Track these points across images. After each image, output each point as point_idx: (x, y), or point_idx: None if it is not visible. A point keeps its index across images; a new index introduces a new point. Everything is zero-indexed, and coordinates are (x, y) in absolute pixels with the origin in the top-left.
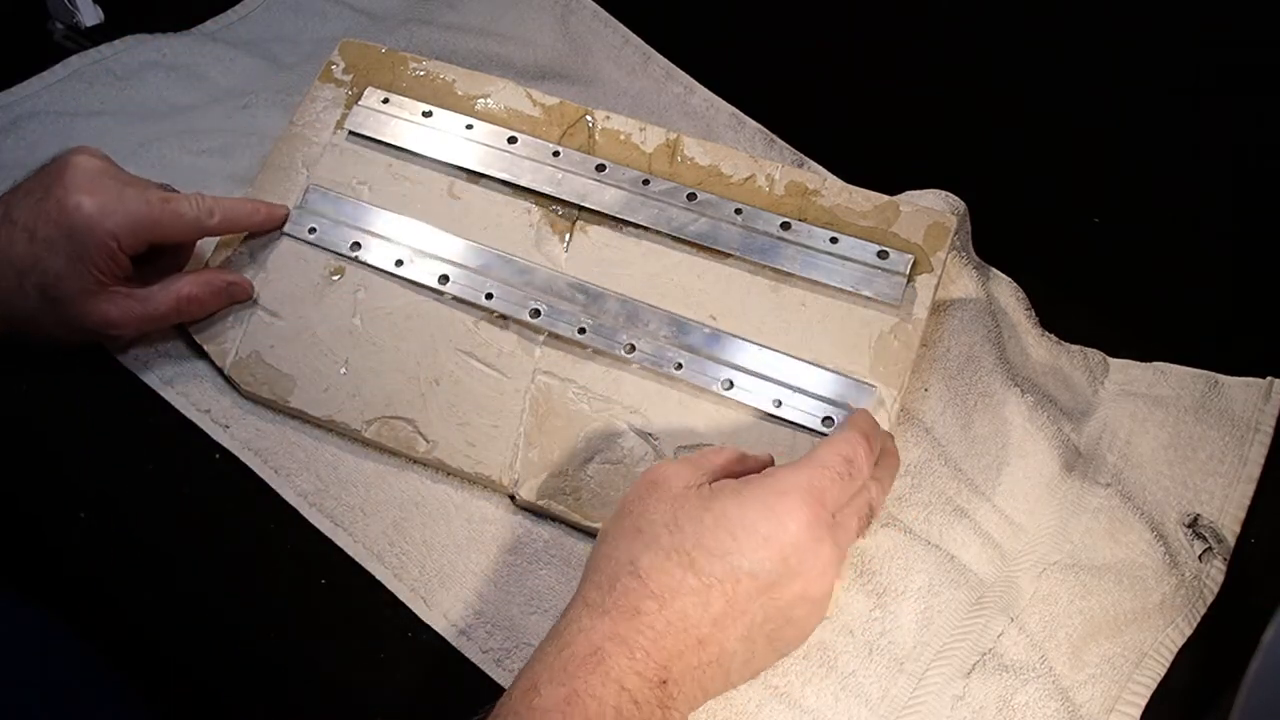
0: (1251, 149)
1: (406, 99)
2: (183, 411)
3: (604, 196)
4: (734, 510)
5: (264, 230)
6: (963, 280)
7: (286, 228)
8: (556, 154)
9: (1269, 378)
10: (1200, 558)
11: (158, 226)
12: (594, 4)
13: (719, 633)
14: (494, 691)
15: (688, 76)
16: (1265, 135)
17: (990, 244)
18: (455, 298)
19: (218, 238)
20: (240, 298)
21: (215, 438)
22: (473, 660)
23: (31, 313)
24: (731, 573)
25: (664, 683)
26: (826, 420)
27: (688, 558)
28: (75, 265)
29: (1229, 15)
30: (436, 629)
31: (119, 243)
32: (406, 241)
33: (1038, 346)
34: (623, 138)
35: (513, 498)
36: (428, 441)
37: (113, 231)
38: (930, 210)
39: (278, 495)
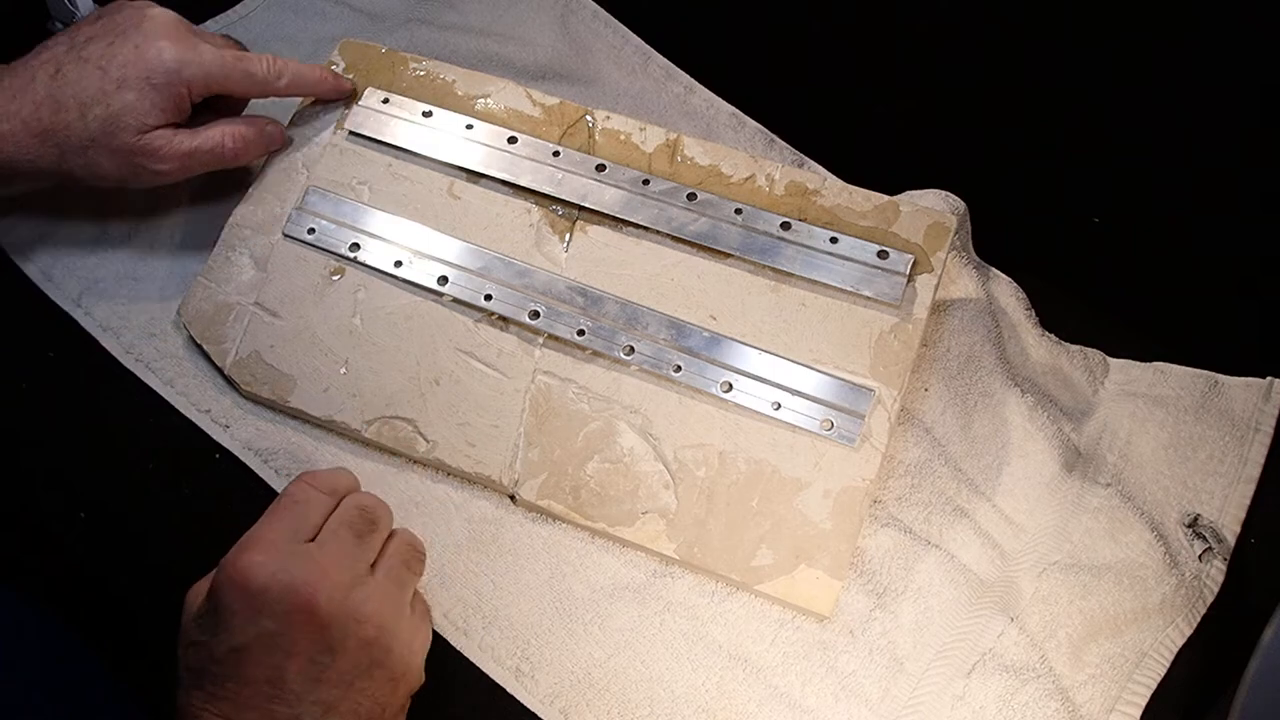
0: (1252, 148)
1: (406, 99)
2: (183, 411)
3: (604, 196)
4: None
5: (328, 99)
6: (963, 280)
7: (286, 228)
8: (556, 154)
9: (1269, 378)
10: (1200, 558)
11: (228, 80)
12: (594, 4)
13: None
14: (494, 691)
15: (688, 76)
16: (1265, 135)
17: (990, 244)
18: (454, 299)
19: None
20: (275, 145)
21: (215, 438)
22: (473, 660)
23: (85, 143)
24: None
25: None
26: (826, 424)
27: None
28: (143, 102)
29: (1229, 15)
30: (436, 629)
31: (190, 90)
32: (406, 242)
33: (1038, 346)
34: (623, 138)
35: (513, 498)
36: (428, 441)
37: (187, 80)
38: (930, 210)
39: (277, 495)
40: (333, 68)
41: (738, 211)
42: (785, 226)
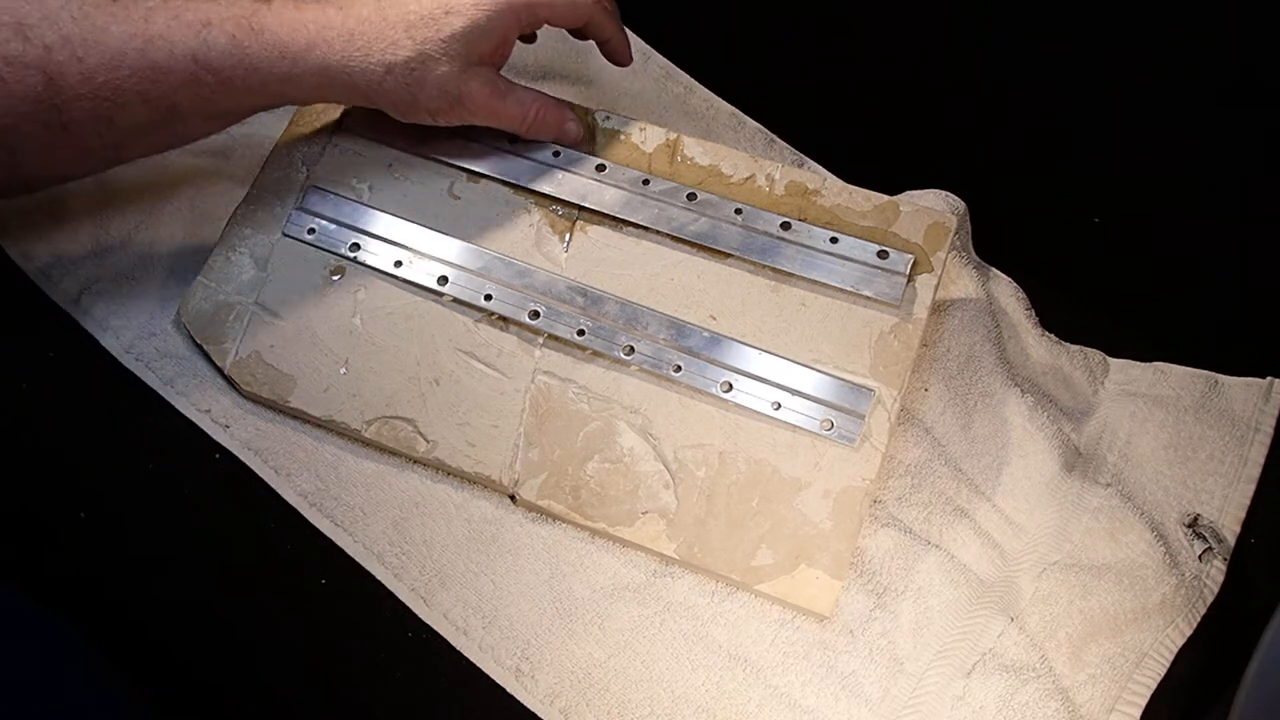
0: (1252, 148)
1: None
2: (183, 411)
3: (604, 196)
4: None
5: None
6: (963, 280)
7: (286, 228)
8: (556, 154)
9: (1269, 378)
10: (1200, 558)
11: (554, 12)
12: None
13: None
14: (494, 691)
15: (688, 76)
16: (1265, 134)
17: (990, 244)
18: (454, 299)
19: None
20: (567, 141)
21: (215, 438)
22: (473, 660)
23: (400, 65)
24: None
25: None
26: (826, 424)
27: None
28: (472, 33)
29: (1229, 15)
30: (436, 629)
31: (519, 22)
32: (406, 242)
33: (1038, 346)
34: (623, 138)
35: (513, 498)
36: (428, 441)
37: (517, 9)
38: (930, 210)
39: (278, 495)
40: None
41: (738, 211)
42: (785, 226)
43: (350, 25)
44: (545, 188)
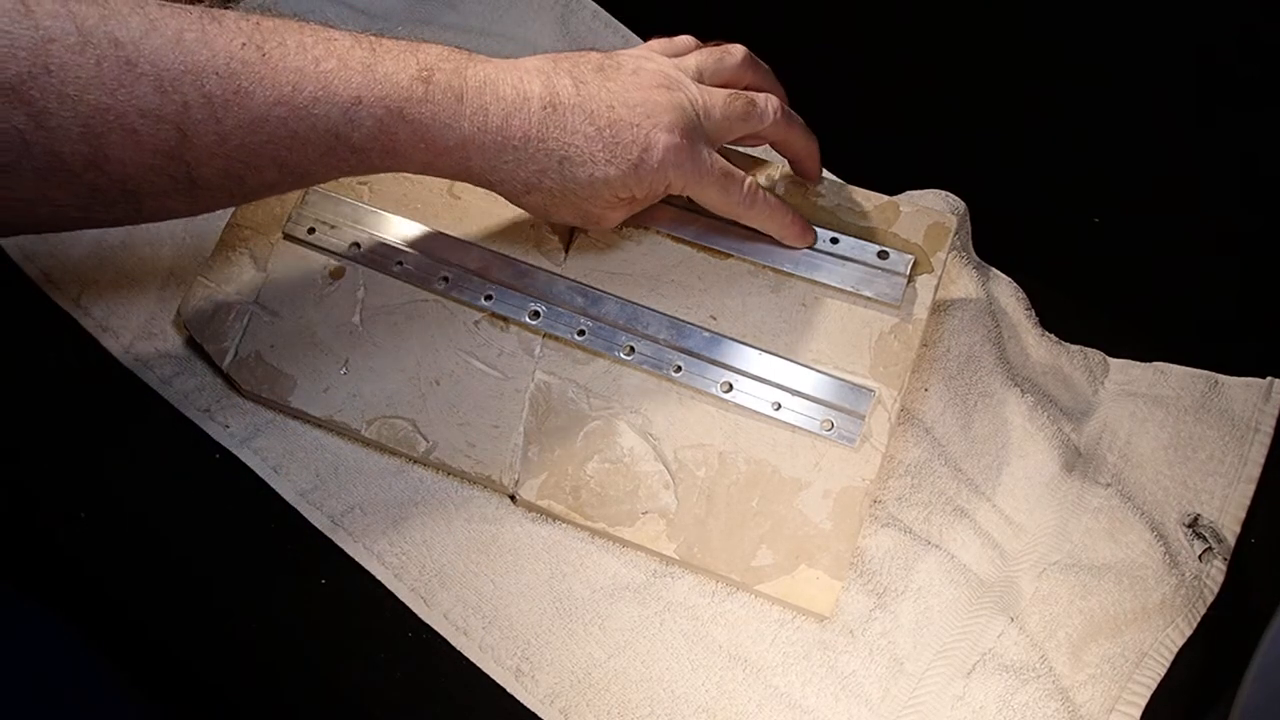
0: (1252, 148)
1: None
2: (183, 411)
3: None
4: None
5: (789, 244)
6: (963, 280)
7: (286, 228)
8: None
9: (1269, 378)
10: (1200, 558)
11: (703, 195)
12: (594, 4)
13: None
14: (494, 691)
15: None
16: (1265, 134)
17: (990, 244)
18: (454, 299)
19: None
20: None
21: (215, 437)
22: (472, 660)
23: (552, 187)
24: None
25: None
26: (826, 424)
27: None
28: (624, 181)
29: (1229, 16)
30: (436, 629)
31: (667, 188)
32: (406, 243)
33: (1038, 346)
34: None
35: (513, 498)
36: (428, 441)
37: (670, 179)
38: (930, 210)
39: (278, 495)
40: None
41: None
42: None
43: (504, 139)
44: None
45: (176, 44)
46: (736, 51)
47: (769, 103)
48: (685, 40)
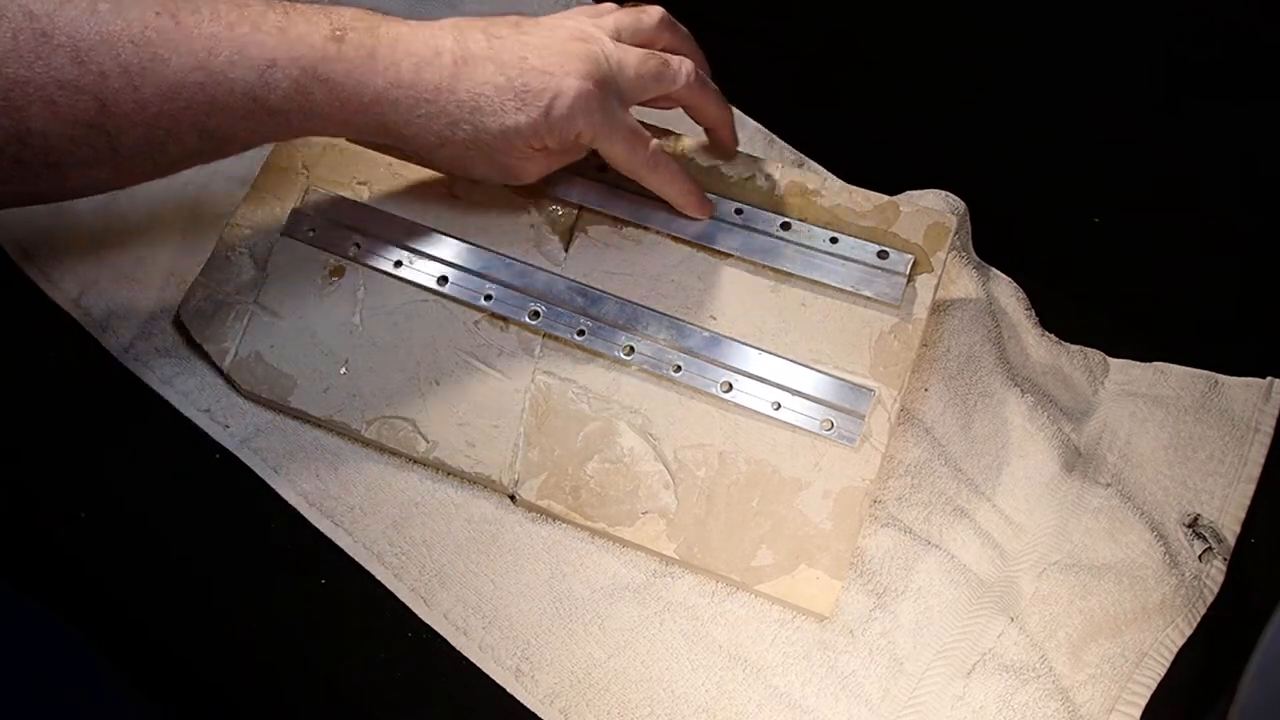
0: (1252, 148)
1: None
2: (183, 411)
3: (604, 196)
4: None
5: (684, 212)
6: (963, 280)
7: (286, 228)
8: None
9: (1269, 378)
10: (1200, 558)
11: (611, 150)
12: (594, 4)
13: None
14: (494, 691)
15: None
16: (1265, 134)
17: (990, 244)
18: (454, 299)
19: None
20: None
21: (215, 438)
22: (472, 660)
23: (467, 141)
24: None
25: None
26: (826, 424)
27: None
28: (535, 130)
29: (1229, 16)
30: (436, 629)
31: (579, 138)
32: (406, 242)
33: (1038, 346)
34: None
35: (513, 498)
36: (428, 441)
37: (580, 129)
38: (930, 210)
39: (278, 495)
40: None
41: (738, 211)
42: (785, 226)
43: (417, 94)
44: (546, 188)
45: (91, 14)
46: (654, 12)
47: (683, 65)
48: (608, 5)
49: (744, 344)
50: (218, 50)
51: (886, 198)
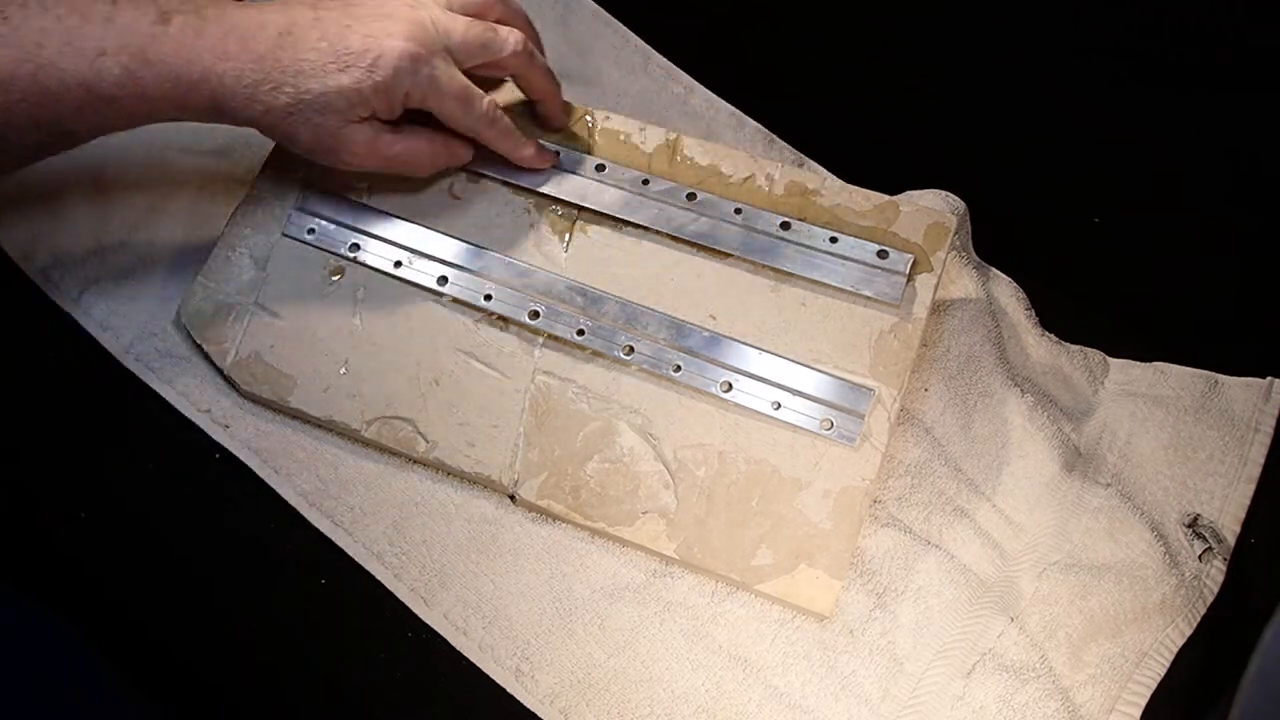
0: (1251, 148)
1: None
2: (183, 411)
3: (604, 196)
4: None
5: (523, 167)
6: (963, 280)
7: (286, 228)
8: (556, 154)
9: (1269, 378)
10: (1200, 558)
11: (442, 106)
12: (594, 4)
13: None
14: (493, 691)
15: (688, 76)
16: (1265, 134)
17: (990, 244)
18: (454, 299)
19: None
20: (460, 164)
21: (215, 438)
22: (472, 660)
23: (290, 109)
24: None
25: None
26: (826, 424)
27: None
28: (358, 93)
29: (1228, 16)
30: (436, 629)
31: (408, 97)
32: (406, 242)
33: (1038, 346)
34: (622, 138)
35: (513, 498)
36: (428, 441)
37: (408, 88)
38: (930, 210)
39: (278, 495)
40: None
41: (738, 211)
42: (785, 226)
43: (243, 64)
44: (545, 188)
45: None
46: None
47: (511, 34)
48: None
49: (744, 344)
50: (46, 43)
51: (886, 197)
